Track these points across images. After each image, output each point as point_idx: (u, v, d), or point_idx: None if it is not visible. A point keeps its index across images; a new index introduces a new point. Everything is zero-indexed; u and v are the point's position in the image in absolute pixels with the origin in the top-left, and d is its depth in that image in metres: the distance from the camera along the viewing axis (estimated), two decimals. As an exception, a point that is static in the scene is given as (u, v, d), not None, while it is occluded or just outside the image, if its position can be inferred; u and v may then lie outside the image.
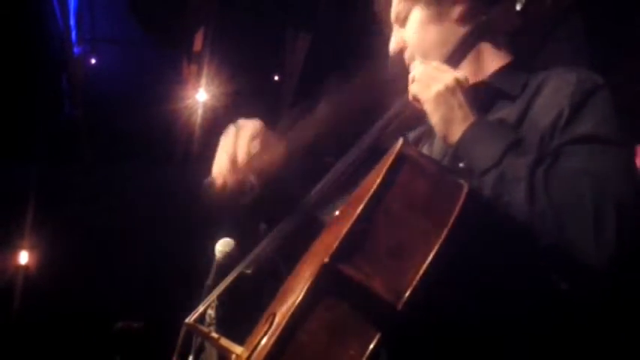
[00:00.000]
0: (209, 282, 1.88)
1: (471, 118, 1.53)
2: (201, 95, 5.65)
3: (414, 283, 1.33)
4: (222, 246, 3.22)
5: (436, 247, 1.34)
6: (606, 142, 1.47)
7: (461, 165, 1.50)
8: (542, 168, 1.43)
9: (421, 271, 1.33)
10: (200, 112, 5.67)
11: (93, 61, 5.83)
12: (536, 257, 1.44)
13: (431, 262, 1.34)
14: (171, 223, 5.59)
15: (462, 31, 1.65)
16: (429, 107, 1.56)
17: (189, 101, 5.66)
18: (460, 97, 1.54)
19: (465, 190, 1.38)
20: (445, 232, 1.35)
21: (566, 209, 1.40)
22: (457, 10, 1.68)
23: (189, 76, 5.84)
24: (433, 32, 1.69)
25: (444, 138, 1.55)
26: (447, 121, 1.55)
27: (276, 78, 5.78)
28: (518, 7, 1.59)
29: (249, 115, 1.78)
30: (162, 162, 6.01)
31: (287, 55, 5.50)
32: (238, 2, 5.30)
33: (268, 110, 5.93)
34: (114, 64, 5.78)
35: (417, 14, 1.71)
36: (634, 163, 1.49)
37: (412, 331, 1.41)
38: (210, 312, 2.49)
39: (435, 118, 1.55)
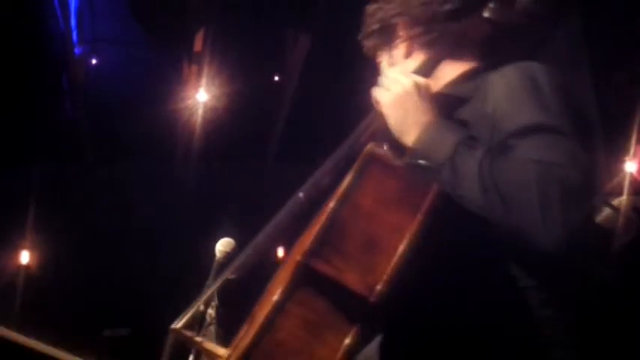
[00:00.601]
0: (209, 282, 1.90)
1: (424, 122, 1.57)
2: (201, 95, 5.64)
3: (386, 276, 1.38)
4: (223, 246, 3.24)
5: (406, 241, 1.39)
6: (549, 130, 1.51)
7: (422, 162, 1.54)
8: (490, 160, 1.47)
9: (392, 264, 1.38)
10: (200, 112, 5.66)
11: (94, 61, 5.82)
12: (495, 248, 1.50)
13: (402, 256, 1.39)
14: (171, 223, 5.59)
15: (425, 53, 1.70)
16: (386, 110, 1.62)
17: (189, 101, 5.65)
18: (417, 100, 1.60)
19: (435, 186, 1.44)
20: (415, 226, 1.40)
21: (513, 198, 1.44)
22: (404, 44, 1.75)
23: (190, 77, 5.84)
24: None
25: (399, 140, 1.59)
26: (401, 124, 1.60)
27: (276, 78, 5.80)
28: (486, 15, 1.65)
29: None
30: (162, 162, 6.00)
31: (287, 55, 5.52)
32: (239, 3, 5.31)
33: (268, 111, 5.94)
34: (115, 65, 5.78)
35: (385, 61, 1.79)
36: (578, 147, 1.51)
37: (390, 324, 1.45)
38: (211, 312, 2.50)
39: (390, 120, 1.61)
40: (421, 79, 1.63)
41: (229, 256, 3.01)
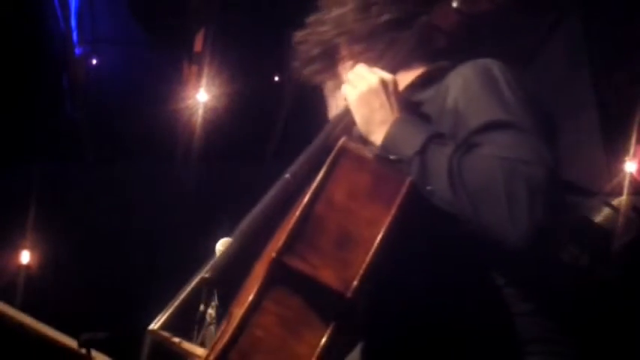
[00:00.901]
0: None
1: (391, 119, 1.57)
2: (201, 95, 5.64)
3: (362, 270, 1.37)
4: (223, 246, 3.24)
5: (381, 235, 1.38)
6: (510, 126, 1.52)
7: (392, 157, 1.54)
8: (458, 157, 1.48)
9: (367, 259, 1.37)
10: (201, 112, 5.67)
11: (94, 61, 5.81)
12: (469, 242, 1.49)
13: (377, 250, 1.38)
14: (171, 223, 5.60)
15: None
16: (352, 107, 1.62)
17: (189, 101, 5.66)
18: (383, 98, 1.60)
19: (408, 179, 1.44)
20: (389, 219, 1.39)
21: (480, 196, 1.45)
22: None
23: (190, 77, 5.84)
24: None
25: (365, 138, 1.60)
26: (367, 122, 1.60)
27: (276, 78, 5.79)
28: (454, 5, 1.64)
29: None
30: (163, 162, 6.01)
31: (287, 55, 5.50)
32: (239, 3, 5.31)
33: (268, 111, 5.93)
34: (115, 65, 5.78)
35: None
36: (541, 142, 1.52)
37: (370, 318, 1.45)
38: (211, 312, 2.50)
39: (357, 117, 1.61)
40: (388, 75, 1.62)
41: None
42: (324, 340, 1.35)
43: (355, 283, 1.36)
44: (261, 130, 6.04)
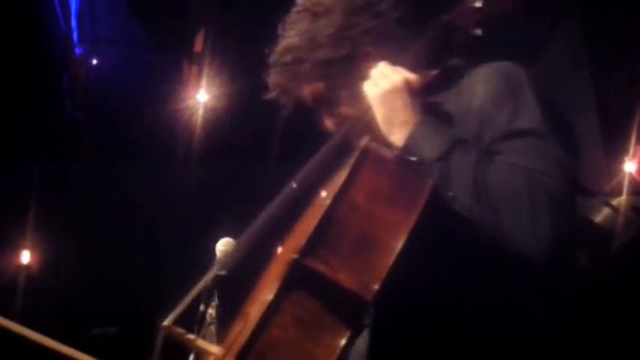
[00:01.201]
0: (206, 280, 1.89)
1: (414, 121, 1.56)
2: (201, 96, 5.64)
3: (382, 274, 1.36)
4: (223, 245, 3.23)
5: (402, 240, 1.38)
6: (532, 134, 1.54)
7: (413, 159, 1.54)
8: (482, 165, 1.48)
9: (388, 263, 1.37)
10: (201, 112, 5.67)
11: (94, 61, 5.79)
12: (484, 252, 1.50)
13: (397, 254, 1.37)
14: (172, 223, 5.60)
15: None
16: (373, 105, 1.60)
17: (190, 102, 5.66)
18: (406, 98, 1.58)
19: (430, 184, 1.44)
20: (410, 224, 1.39)
21: (504, 205, 1.46)
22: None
23: (190, 77, 5.84)
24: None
25: (386, 137, 1.59)
26: (388, 121, 1.58)
27: (276, 79, 5.78)
28: (478, 4, 1.64)
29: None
30: (163, 162, 6.01)
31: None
32: (239, 4, 5.31)
33: (268, 111, 5.92)
34: (115, 65, 5.77)
35: (343, 92, 1.74)
36: (560, 150, 1.54)
37: (384, 324, 1.45)
38: (211, 311, 2.49)
39: (378, 115, 1.59)
40: (411, 75, 1.61)
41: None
42: (341, 343, 1.34)
43: (375, 286, 1.35)
44: (261, 130, 6.04)
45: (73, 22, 5.53)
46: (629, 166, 3.92)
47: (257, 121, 5.92)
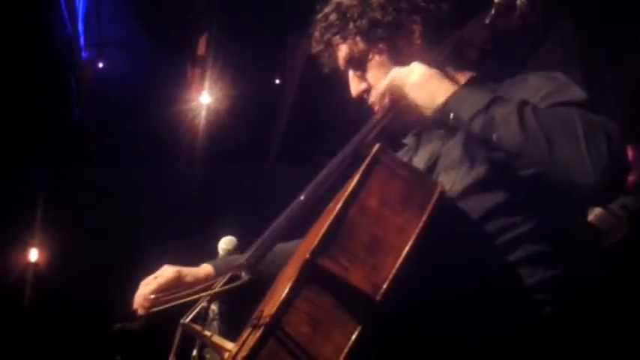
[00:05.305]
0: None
1: (455, 87, 1.57)
2: (204, 98, 5.70)
3: (391, 275, 1.40)
4: (225, 244, 3.32)
5: (411, 242, 1.42)
6: (585, 107, 1.52)
7: (451, 115, 1.53)
8: (530, 107, 1.48)
9: (397, 265, 1.40)
10: (204, 114, 5.72)
11: (100, 65, 5.86)
12: (494, 246, 1.50)
13: (406, 256, 1.41)
14: (175, 223, 5.67)
15: (426, 57, 1.68)
16: (412, 91, 1.59)
17: (193, 104, 5.71)
18: (439, 77, 1.60)
19: (438, 190, 1.46)
20: (419, 227, 1.42)
21: (557, 131, 1.44)
22: (414, 44, 1.73)
23: (193, 80, 5.88)
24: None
25: (426, 112, 1.58)
26: (432, 95, 1.58)
27: (277, 81, 5.84)
28: (487, 21, 1.66)
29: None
30: (167, 163, 6.07)
31: (288, 58, 5.54)
32: (241, 7, 5.34)
33: (269, 112, 5.98)
34: (120, 68, 5.82)
35: (377, 58, 1.75)
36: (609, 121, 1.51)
37: (393, 324, 1.49)
38: (214, 307, 2.55)
39: (421, 98, 1.58)
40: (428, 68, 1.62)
41: (231, 254, 3.05)
42: (350, 341, 1.37)
43: (384, 287, 1.38)
44: (263, 131, 6.09)
45: (80, 27, 5.57)
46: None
47: (259, 122, 5.97)
